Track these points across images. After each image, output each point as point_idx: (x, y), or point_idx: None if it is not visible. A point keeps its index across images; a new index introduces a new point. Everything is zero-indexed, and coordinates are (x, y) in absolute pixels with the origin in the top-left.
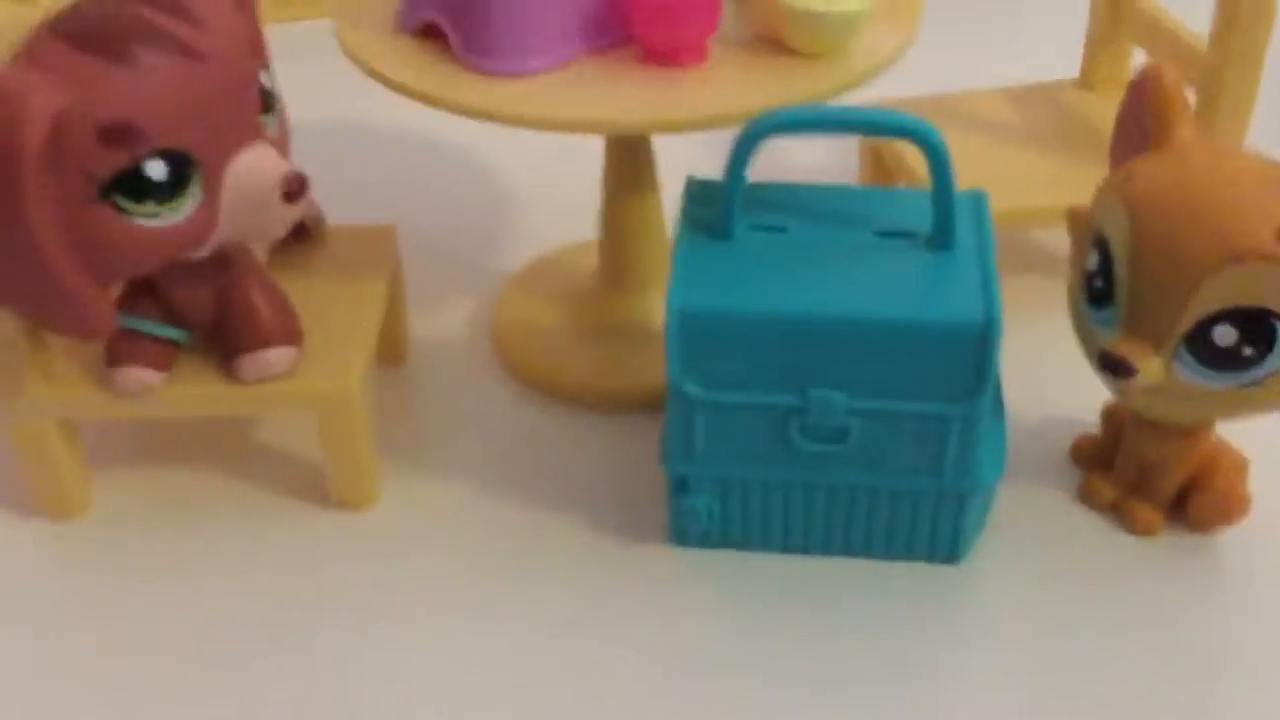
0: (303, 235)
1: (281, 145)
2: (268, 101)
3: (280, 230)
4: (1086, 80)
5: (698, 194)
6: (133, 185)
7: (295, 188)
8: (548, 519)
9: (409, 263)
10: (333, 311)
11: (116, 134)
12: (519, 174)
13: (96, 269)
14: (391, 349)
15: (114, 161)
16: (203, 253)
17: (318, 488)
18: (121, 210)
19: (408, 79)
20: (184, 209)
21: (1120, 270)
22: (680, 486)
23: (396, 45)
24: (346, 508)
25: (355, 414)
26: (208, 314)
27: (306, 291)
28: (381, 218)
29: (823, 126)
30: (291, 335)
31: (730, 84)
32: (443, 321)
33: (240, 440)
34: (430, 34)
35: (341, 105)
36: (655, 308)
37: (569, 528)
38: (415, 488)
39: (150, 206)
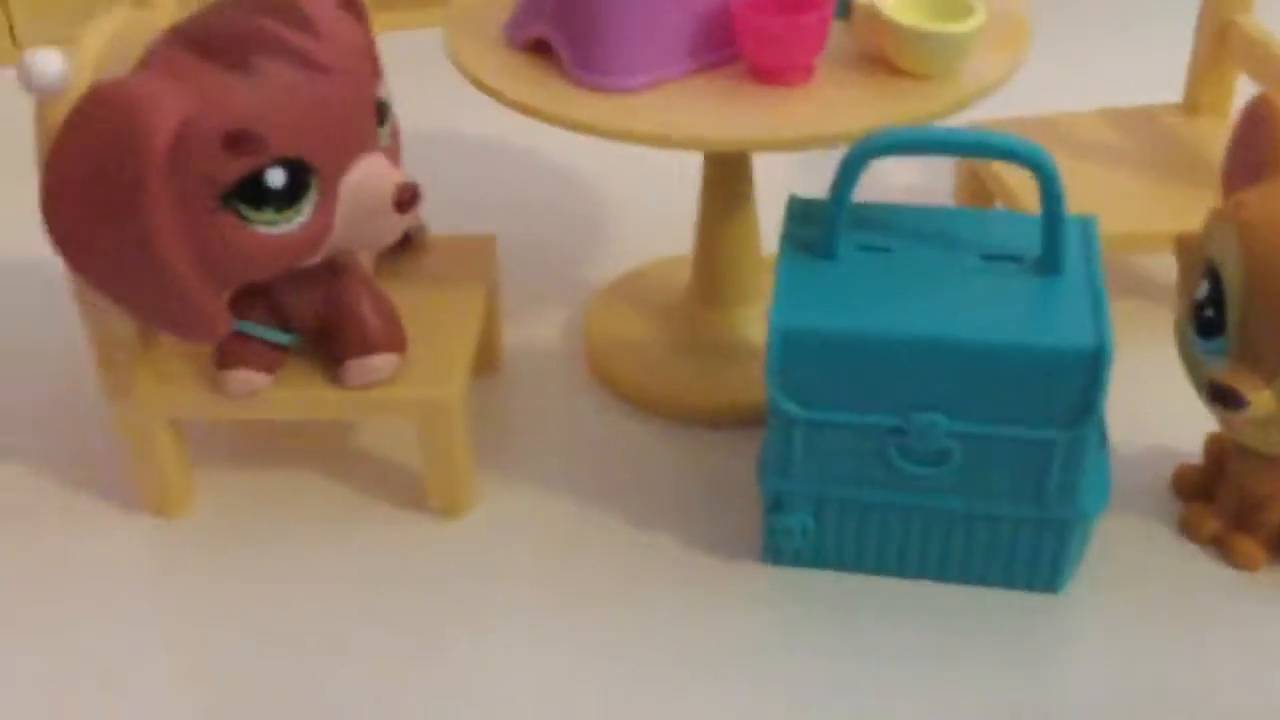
0: (406, 244)
1: (394, 156)
2: (382, 113)
3: (390, 238)
4: (1190, 104)
5: (800, 213)
6: (253, 192)
7: (408, 198)
8: (639, 532)
9: (503, 271)
10: (434, 320)
11: (240, 141)
12: (614, 185)
13: (214, 274)
14: (486, 358)
15: (236, 168)
16: (316, 259)
17: (414, 492)
18: (241, 217)
19: (520, 95)
20: (301, 217)
21: (1232, 300)
22: (775, 504)
23: (506, 59)
24: (441, 514)
25: (455, 423)
26: (314, 319)
27: (409, 299)
28: (478, 226)
29: (932, 148)
30: (396, 342)
31: (837, 103)
32: (537, 331)
33: (338, 443)
34: (539, 49)
35: (440, 114)
36: (749, 323)
37: (660, 541)
38: (508, 497)
39: (269, 214)
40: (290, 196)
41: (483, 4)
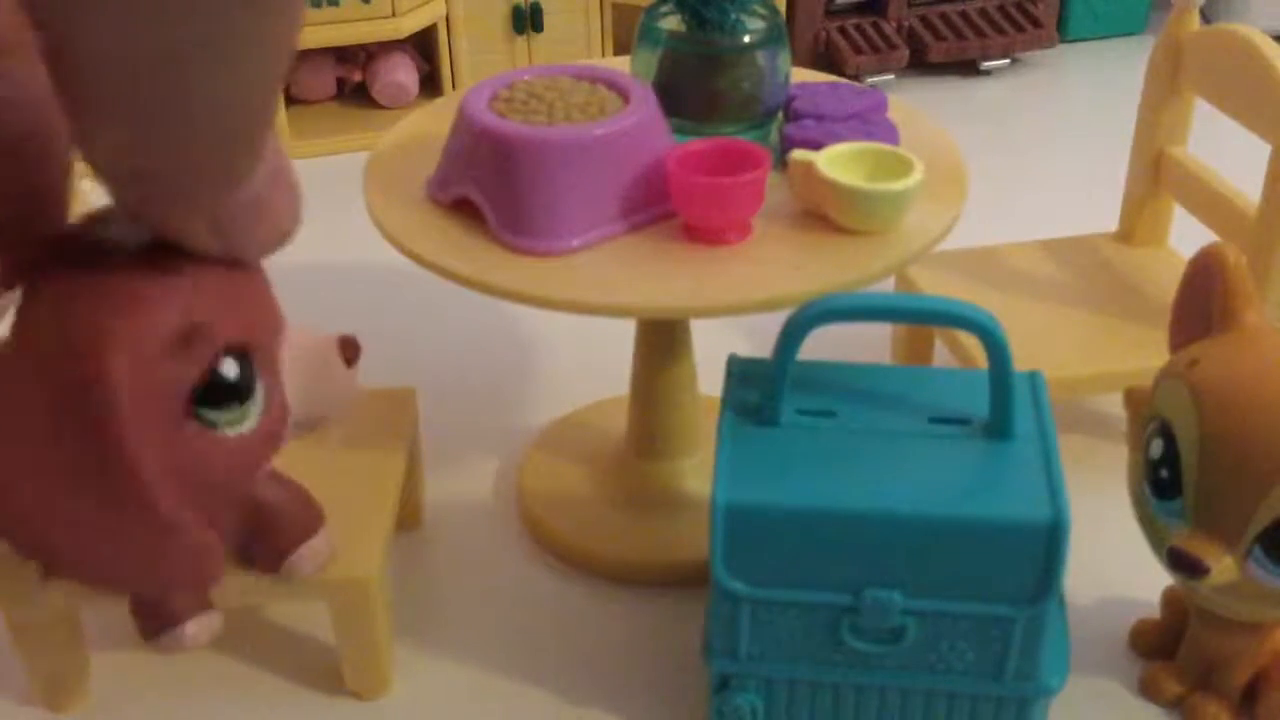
0: None
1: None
2: None
3: (350, 401)
4: (1125, 233)
5: (741, 374)
6: (214, 392)
7: (352, 353)
8: (576, 711)
9: (427, 417)
10: (349, 488)
11: (192, 335)
12: (546, 326)
13: (198, 500)
14: (406, 513)
15: (198, 362)
16: (278, 451)
17: (328, 669)
18: (209, 424)
19: (448, 262)
20: (258, 409)
21: (1188, 462)
22: (722, 684)
23: (429, 219)
24: (359, 696)
25: (374, 604)
26: (236, 537)
27: (320, 465)
28: (402, 367)
29: (878, 315)
30: (319, 518)
31: (774, 264)
32: (465, 483)
33: (245, 618)
34: (464, 205)
35: (356, 247)
36: (689, 475)
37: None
38: (430, 671)
39: (235, 411)
40: (246, 388)
41: (402, 154)
